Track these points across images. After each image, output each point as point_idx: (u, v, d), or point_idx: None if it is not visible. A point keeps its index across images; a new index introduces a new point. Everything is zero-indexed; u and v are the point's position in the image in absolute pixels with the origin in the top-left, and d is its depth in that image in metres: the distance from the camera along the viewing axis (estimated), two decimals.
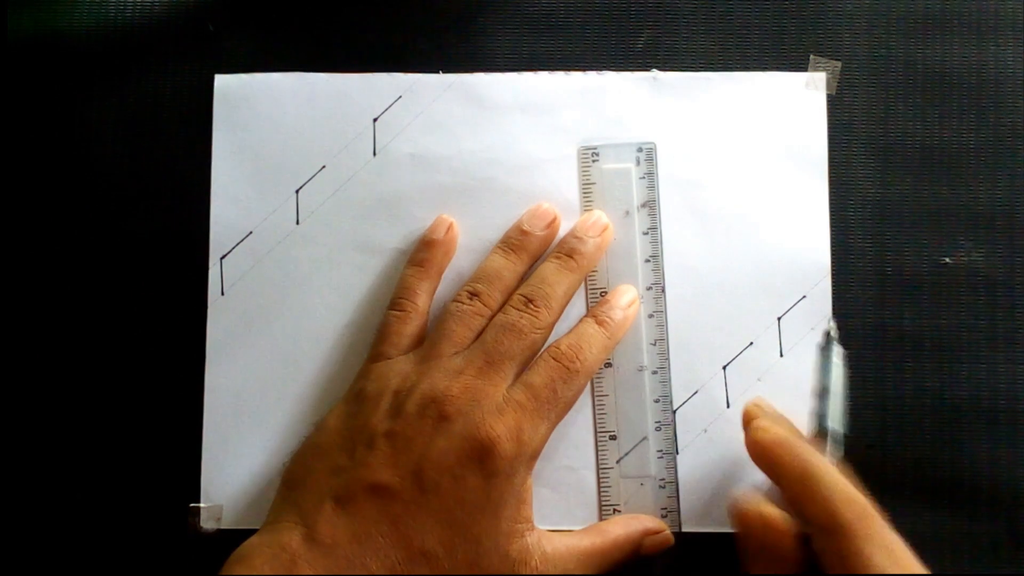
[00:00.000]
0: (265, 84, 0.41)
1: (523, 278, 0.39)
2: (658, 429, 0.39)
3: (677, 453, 0.39)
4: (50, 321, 0.40)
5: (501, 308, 0.38)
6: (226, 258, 0.40)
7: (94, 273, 0.40)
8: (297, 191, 0.41)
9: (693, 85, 0.41)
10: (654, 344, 0.40)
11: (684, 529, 0.39)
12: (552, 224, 0.40)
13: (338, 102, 0.41)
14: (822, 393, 0.37)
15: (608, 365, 0.40)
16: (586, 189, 0.40)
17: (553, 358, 0.37)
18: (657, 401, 0.40)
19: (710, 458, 0.39)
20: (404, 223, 0.40)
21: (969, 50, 0.41)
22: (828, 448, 0.36)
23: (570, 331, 0.38)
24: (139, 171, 0.41)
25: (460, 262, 0.40)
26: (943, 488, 0.39)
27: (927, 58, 0.41)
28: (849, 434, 0.36)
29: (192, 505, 0.39)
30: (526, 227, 0.39)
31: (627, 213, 0.40)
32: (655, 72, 0.41)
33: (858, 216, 0.40)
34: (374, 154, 0.41)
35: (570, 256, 0.39)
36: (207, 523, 0.39)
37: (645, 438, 0.39)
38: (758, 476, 0.39)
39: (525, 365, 0.37)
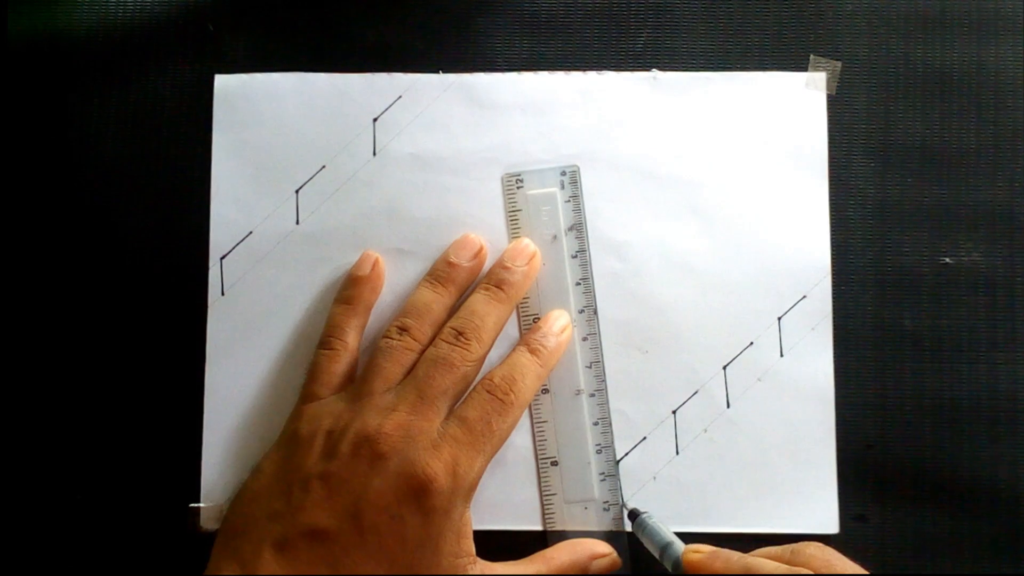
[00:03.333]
0: (265, 84, 0.41)
1: (452, 310, 0.39)
2: (599, 452, 0.39)
3: (677, 453, 0.39)
4: (50, 321, 0.40)
5: (432, 342, 0.38)
6: (226, 258, 0.40)
7: (94, 273, 0.40)
8: (297, 191, 0.41)
9: (693, 85, 0.41)
10: (590, 367, 0.40)
11: (686, 529, 0.39)
12: (479, 254, 0.39)
13: (338, 102, 0.41)
14: (667, 546, 0.37)
15: (545, 391, 0.40)
16: (512, 216, 0.40)
17: (487, 391, 0.37)
18: (596, 424, 0.39)
19: (710, 458, 0.39)
20: (404, 223, 0.40)
21: (969, 50, 0.41)
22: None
23: (503, 362, 0.38)
24: (139, 171, 0.41)
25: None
26: (943, 488, 0.39)
27: (927, 58, 0.41)
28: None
29: (192, 505, 0.39)
30: (453, 259, 0.39)
31: (555, 237, 0.40)
32: (655, 72, 0.41)
33: (858, 216, 0.40)
34: (374, 154, 0.41)
35: (499, 287, 0.38)
36: (207, 523, 0.39)
37: (587, 462, 0.39)
38: (758, 476, 0.39)
39: (458, 398, 0.37)
